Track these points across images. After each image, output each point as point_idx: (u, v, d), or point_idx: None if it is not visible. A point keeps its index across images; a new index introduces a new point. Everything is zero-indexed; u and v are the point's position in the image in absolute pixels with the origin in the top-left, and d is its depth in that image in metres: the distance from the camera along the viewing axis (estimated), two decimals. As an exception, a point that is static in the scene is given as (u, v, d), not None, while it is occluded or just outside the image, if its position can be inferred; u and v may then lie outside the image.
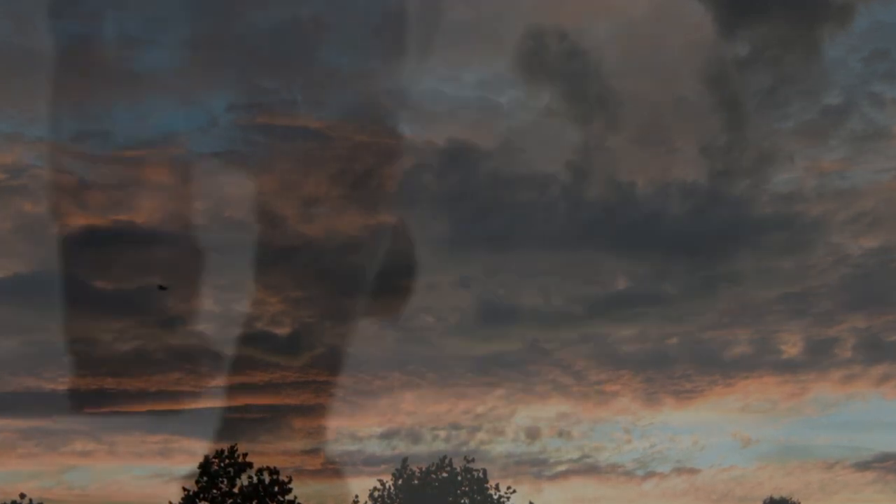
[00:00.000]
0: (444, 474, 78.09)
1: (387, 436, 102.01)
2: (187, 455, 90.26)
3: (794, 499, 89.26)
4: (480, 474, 78.14)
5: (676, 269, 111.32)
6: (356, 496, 77.16)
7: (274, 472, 70.60)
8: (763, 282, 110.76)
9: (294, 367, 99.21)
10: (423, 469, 78.42)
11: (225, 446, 70.29)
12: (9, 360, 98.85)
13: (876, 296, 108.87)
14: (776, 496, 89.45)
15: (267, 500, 69.73)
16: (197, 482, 69.35)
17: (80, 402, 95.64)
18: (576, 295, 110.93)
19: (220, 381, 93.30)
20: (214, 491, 69.10)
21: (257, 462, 70.59)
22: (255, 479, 69.79)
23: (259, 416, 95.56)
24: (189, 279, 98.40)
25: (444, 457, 78.95)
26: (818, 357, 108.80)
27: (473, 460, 78.83)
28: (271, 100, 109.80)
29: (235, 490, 69.42)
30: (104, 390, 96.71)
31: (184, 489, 69.68)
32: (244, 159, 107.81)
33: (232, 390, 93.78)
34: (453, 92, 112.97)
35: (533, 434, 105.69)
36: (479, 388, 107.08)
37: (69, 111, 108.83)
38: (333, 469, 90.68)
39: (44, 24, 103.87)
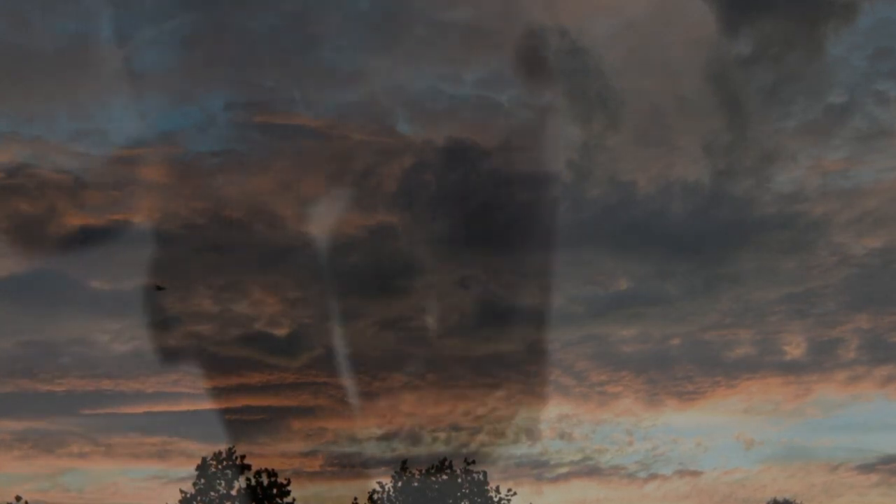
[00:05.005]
0: (444, 476, 77.48)
1: (386, 437, 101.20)
2: (185, 457, 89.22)
3: (798, 501, 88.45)
4: (481, 476, 77.50)
5: (678, 269, 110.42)
6: (355, 498, 76.44)
7: (272, 474, 70.24)
8: (765, 282, 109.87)
9: (293, 368, 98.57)
10: (423, 471, 77.86)
11: (223, 448, 69.94)
12: (4, 361, 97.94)
13: (880, 296, 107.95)
14: (779, 498, 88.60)
15: (265, 502, 69.29)
16: (194, 484, 68.90)
17: (77, 403, 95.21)
18: (576, 295, 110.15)
19: (217, 382, 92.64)
20: (212, 493, 68.69)
21: (256, 464, 70.30)
22: (253, 482, 69.43)
23: (257, 418, 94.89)
24: (186, 279, 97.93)
25: (444, 459, 78.47)
26: (822, 358, 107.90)
27: (474, 462, 78.23)
28: (269, 98, 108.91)
29: (233, 492, 69.05)
30: (101, 391, 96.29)
31: (181, 491, 69.25)
32: (242, 158, 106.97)
33: (230, 391, 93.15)
34: (453, 91, 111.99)
35: (534, 436, 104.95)
36: (479, 390, 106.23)
37: (66, 110, 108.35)
38: (332, 471, 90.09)
39: (40, 22, 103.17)
